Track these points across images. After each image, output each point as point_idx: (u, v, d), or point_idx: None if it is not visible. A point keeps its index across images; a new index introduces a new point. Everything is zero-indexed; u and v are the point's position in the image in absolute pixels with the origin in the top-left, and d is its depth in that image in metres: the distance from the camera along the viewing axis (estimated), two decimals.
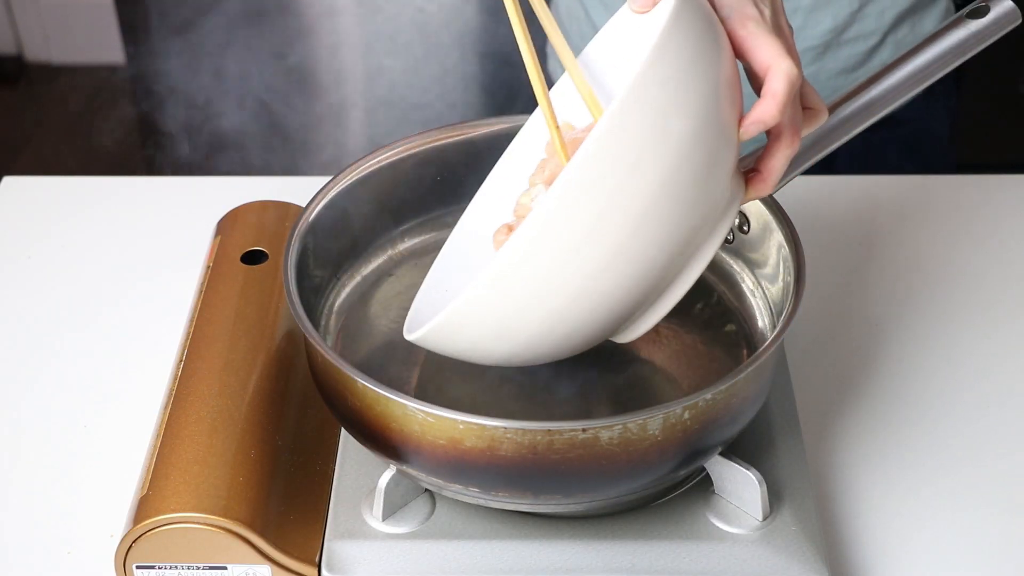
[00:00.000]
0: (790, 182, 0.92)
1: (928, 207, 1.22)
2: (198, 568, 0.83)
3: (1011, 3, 0.93)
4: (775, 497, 0.85)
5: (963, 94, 2.37)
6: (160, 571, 0.83)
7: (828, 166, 1.35)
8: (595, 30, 1.33)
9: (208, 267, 1.02)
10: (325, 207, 0.92)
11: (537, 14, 0.87)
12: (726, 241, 0.95)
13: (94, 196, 1.28)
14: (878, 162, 1.35)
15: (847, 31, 1.26)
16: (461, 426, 0.76)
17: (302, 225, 0.90)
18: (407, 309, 0.92)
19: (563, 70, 1.42)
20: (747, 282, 0.96)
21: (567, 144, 0.87)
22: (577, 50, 1.39)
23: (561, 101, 0.92)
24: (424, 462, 0.79)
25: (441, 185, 1.00)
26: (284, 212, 1.08)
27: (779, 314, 0.88)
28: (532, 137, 0.95)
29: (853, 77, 1.29)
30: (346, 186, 0.94)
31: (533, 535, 0.83)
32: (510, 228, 0.89)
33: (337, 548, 0.83)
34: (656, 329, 0.85)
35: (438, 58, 2.06)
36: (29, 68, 3.25)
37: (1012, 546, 0.90)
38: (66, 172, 2.60)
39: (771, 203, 0.90)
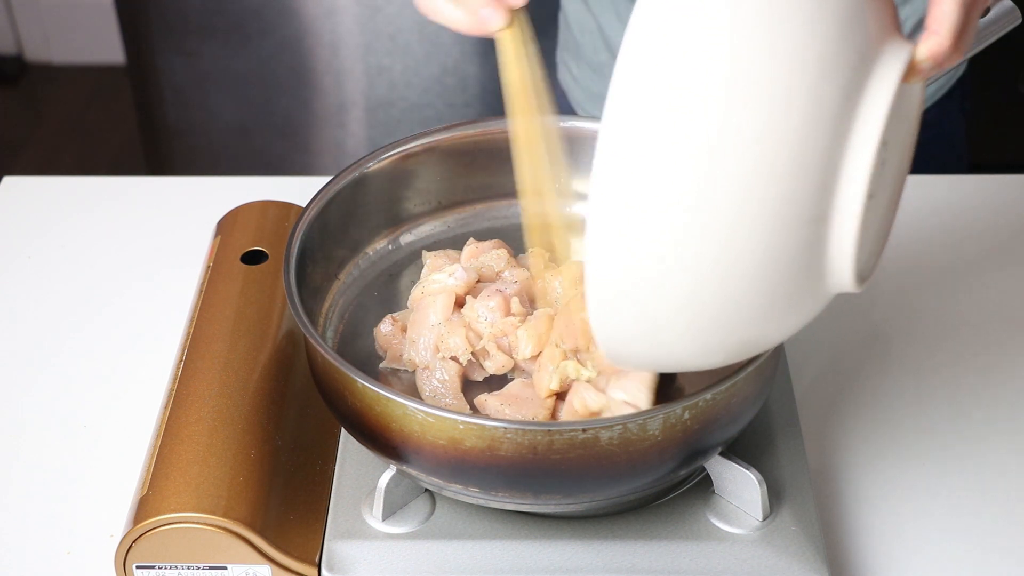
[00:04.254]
0: None
1: (928, 207, 1.22)
2: (198, 568, 0.83)
3: (1011, 3, 0.93)
4: (775, 497, 0.85)
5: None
6: (160, 571, 0.83)
7: None
8: (606, 42, 1.33)
9: (208, 267, 1.02)
10: (325, 207, 0.92)
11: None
12: None
13: (94, 196, 1.28)
14: None
15: None
16: (461, 426, 0.76)
17: (302, 225, 0.90)
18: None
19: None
20: None
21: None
22: (590, 64, 1.37)
23: None
24: (424, 462, 0.79)
25: (441, 185, 1.00)
26: (284, 212, 1.08)
27: None
28: None
29: None
30: (346, 186, 0.94)
31: (533, 535, 0.83)
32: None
33: (337, 548, 0.83)
34: None
35: (438, 58, 2.06)
36: (29, 68, 3.25)
37: (1011, 546, 0.90)
38: (66, 172, 2.60)
39: None
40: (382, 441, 0.80)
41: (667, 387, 0.89)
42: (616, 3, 1.30)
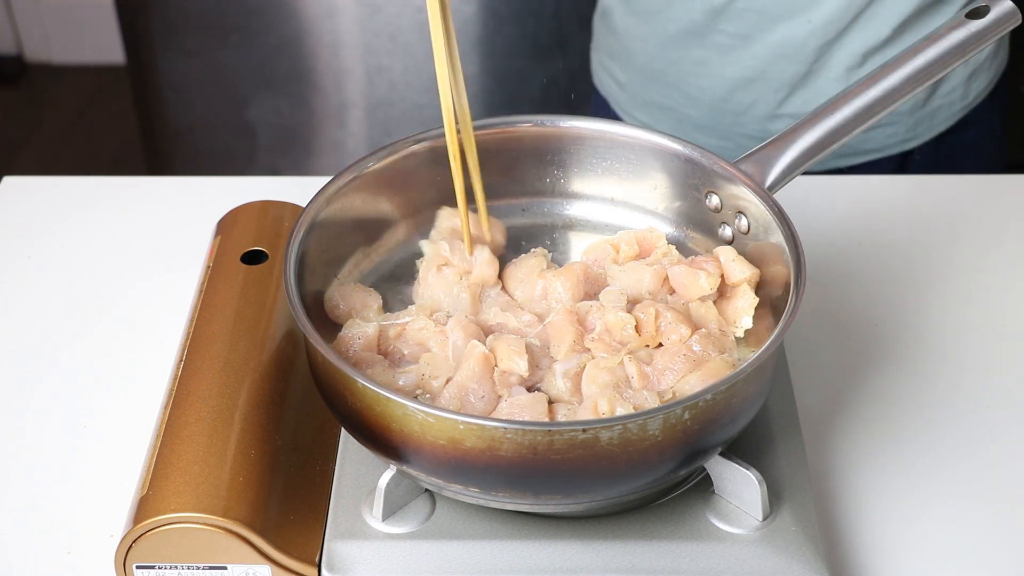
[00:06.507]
0: (790, 182, 0.92)
1: (927, 208, 1.22)
2: (198, 568, 0.83)
3: (1011, 3, 0.93)
4: (775, 497, 0.85)
5: None
6: (160, 571, 0.83)
7: (901, 168, 1.34)
8: (662, 52, 1.31)
9: (208, 267, 1.02)
10: (325, 207, 0.92)
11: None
12: (726, 241, 0.95)
13: (94, 196, 1.28)
14: (951, 163, 1.35)
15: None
16: (461, 426, 0.76)
17: (302, 225, 0.90)
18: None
19: None
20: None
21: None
22: (643, 71, 1.33)
23: None
24: (424, 462, 0.79)
25: (441, 185, 1.00)
26: (284, 212, 1.08)
27: (779, 314, 0.88)
28: None
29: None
30: (346, 186, 0.94)
31: (533, 535, 0.83)
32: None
33: (337, 548, 0.83)
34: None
35: None
36: (29, 68, 3.25)
37: (1010, 545, 0.91)
38: (66, 172, 2.60)
39: (771, 203, 0.90)
40: (382, 441, 0.80)
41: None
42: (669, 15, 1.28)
